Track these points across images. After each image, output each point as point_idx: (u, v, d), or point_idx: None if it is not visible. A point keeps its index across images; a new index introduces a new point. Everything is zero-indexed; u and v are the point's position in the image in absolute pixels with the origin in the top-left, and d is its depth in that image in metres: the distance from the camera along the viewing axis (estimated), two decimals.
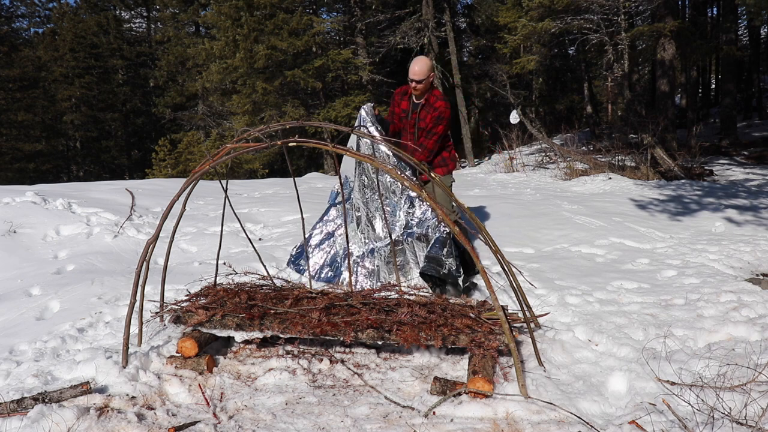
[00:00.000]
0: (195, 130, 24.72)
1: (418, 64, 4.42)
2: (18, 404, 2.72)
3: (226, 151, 3.32)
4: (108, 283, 4.71)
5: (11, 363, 3.31)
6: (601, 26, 14.05)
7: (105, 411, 2.75)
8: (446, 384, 2.95)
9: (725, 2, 17.87)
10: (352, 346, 3.57)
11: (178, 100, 27.19)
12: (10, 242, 5.81)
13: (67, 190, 8.63)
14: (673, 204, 8.63)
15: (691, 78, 21.87)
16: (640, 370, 3.04)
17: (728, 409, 2.53)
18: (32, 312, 4.21)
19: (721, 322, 3.70)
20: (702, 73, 28.76)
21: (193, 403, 2.95)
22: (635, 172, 12.25)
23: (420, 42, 19.23)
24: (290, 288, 3.98)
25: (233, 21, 17.87)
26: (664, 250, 5.97)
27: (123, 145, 31.71)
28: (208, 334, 3.45)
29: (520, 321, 3.44)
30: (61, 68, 29.05)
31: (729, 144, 16.72)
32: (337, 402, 2.97)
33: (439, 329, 3.23)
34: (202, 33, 27.00)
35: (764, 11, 12.21)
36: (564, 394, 2.88)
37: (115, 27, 31.09)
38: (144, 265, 3.28)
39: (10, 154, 27.33)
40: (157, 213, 7.32)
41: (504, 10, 19.40)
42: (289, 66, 18.32)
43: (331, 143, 3.69)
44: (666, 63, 14.19)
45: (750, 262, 5.41)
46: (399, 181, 2.99)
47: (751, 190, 10.00)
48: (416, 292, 3.90)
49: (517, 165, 15.43)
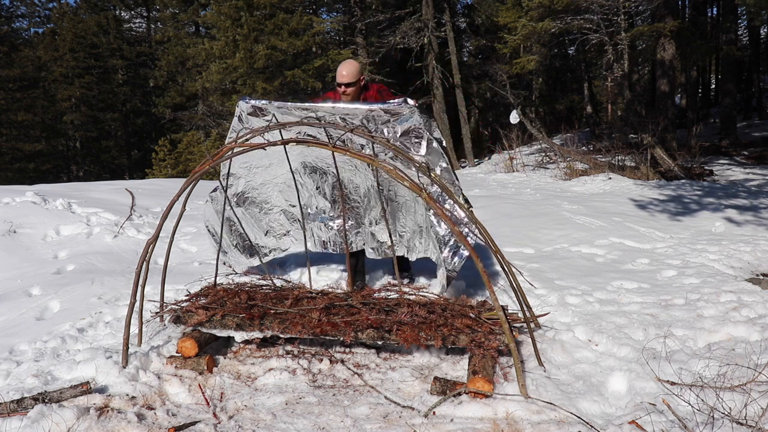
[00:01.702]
0: (195, 130, 24.72)
1: (347, 68, 4.16)
2: (18, 404, 2.72)
3: (227, 151, 3.32)
4: (108, 283, 4.71)
5: (11, 363, 3.31)
6: (601, 26, 14.06)
7: (105, 411, 2.75)
8: (446, 384, 2.95)
9: (725, 2, 17.87)
10: (352, 346, 3.57)
11: (178, 100, 27.19)
12: (10, 242, 5.81)
13: (67, 190, 8.63)
14: (673, 204, 8.63)
15: (691, 78, 21.87)
16: (640, 370, 3.04)
17: (728, 409, 2.52)
18: (32, 312, 4.21)
19: (721, 322, 3.70)
20: (702, 73, 28.76)
21: (193, 403, 2.95)
22: (635, 172, 12.25)
23: (420, 42, 19.23)
24: (290, 288, 3.99)
25: (233, 21, 17.87)
26: (664, 250, 5.97)
27: (123, 145, 31.71)
28: (208, 334, 3.45)
29: (520, 321, 3.44)
30: (61, 68, 29.05)
31: (729, 144, 16.72)
32: (337, 402, 2.97)
33: (439, 329, 3.23)
34: (202, 33, 27.01)
35: (764, 11, 12.21)
36: (564, 394, 2.88)
37: (115, 27, 31.09)
38: (144, 265, 3.28)
39: (10, 154, 27.33)
40: (157, 213, 7.32)
41: (504, 10, 19.39)
42: (289, 66, 18.33)
43: (331, 143, 3.69)
44: (666, 63, 14.19)
45: (750, 262, 5.41)
46: (399, 181, 2.99)
47: (751, 190, 10.00)
48: (416, 292, 3.90)
49: (517, 165, 15.44)
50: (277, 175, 4.51)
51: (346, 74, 4.13)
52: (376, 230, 4.58)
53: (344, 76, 4.13)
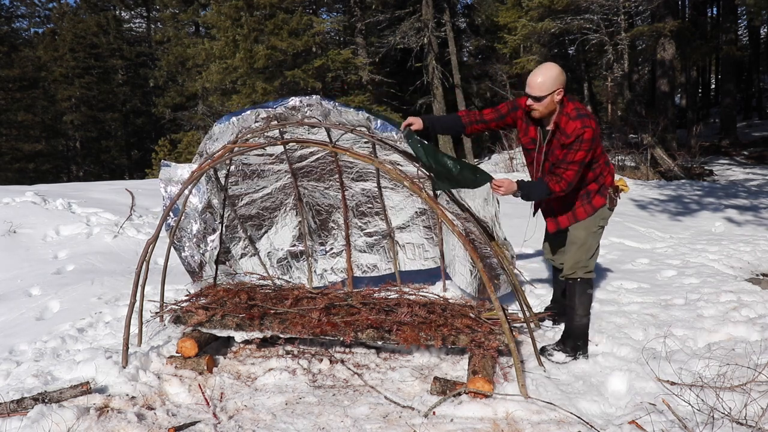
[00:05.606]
0: (195, 130, 24.68)
1: (537, 75, 3.01)
2: (18, 404, 2.72)
3: (227, 151, 3.32)
4: (108, 283, 4.71)
5: (11, 363, 3.31)
6: (601, 26, 14.05)
7: (105, 411, 2.75)
8: (446, 384, 2.94)
9: (725, 2, 17.88)
10: (352, 346, 3.57)
11: (178, 100, 27.16)
12: (10, 242, 5.80)
13: (67, 190, 8.62)
14: (673, 204, 8.63)
15: (691, 78, 21.86)
16: (640, 370, 3.04)
17: (728, 409, 2.52)
18: (32, 312, 4.21)
19: (721, 322, 3.70)
20: (702, 73, 28.74)
21: (193, 403, 2.95)
22: (635, 172, 12.25)
23: (420, 42, 19.22)
24: (290, 288, 3.98)
25: (233, 21, 17.85)
26: (664, 250, 5.97)
27: (123, 145, 31.68)
28: (208, 334, 3.45)
29: (520, 321, 3.44)
30: (61, 68, 29.02)
31: (729, 144, 16.73)
32: (337, 402, 2.97)
33: (439, 329, 3.23)
34: (202, 33, 26.99)
35: (764, 11, 12.21)
36: (564, 394, 2.88)
37: (115, 27, 31.06)
38: (144, 265, 3.28)
39: (10, 154, 27.30)
40: (157, 213, 7.31)
41: (504, 10, 19.37)
42: (289, 66, 18.31)
43: (331, 143, 3.69)
44: (666, 63, 14.19)
45: (750, 262, 5.41)
46: (399, 181, 2.98)
47: (751, 190, 10.00)
48: (416, 292, 3.90)
49: (517, 165, 15.42)
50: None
51: (533, 84, 3.01)
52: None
53: (531, 86, 3.02)
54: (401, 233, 4.63)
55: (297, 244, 4.71)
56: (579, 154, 2.99)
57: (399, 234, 4.63)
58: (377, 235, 4.66)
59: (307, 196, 4.52)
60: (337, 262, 4.78)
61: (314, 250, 4.76)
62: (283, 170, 4.28)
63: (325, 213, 4.64)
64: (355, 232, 4.68)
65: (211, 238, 4.26)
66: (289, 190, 4.46)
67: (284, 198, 4.51)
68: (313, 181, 4.41)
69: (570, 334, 3.33)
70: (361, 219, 4.63)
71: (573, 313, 3.31)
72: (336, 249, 4.77)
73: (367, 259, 4.73)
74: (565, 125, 3.02)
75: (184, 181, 3.44)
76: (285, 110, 3.32)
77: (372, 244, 4.70)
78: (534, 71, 3.06)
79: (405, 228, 4.60)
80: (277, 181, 4.37)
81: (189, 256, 4.20)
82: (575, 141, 2.96)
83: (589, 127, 2.96)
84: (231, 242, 4.49)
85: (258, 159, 4.11)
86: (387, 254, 4.68)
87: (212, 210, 4.19)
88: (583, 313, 3.30)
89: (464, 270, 4.22)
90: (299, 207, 4.54)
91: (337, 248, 4.77)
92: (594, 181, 3.24)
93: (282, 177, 4.34)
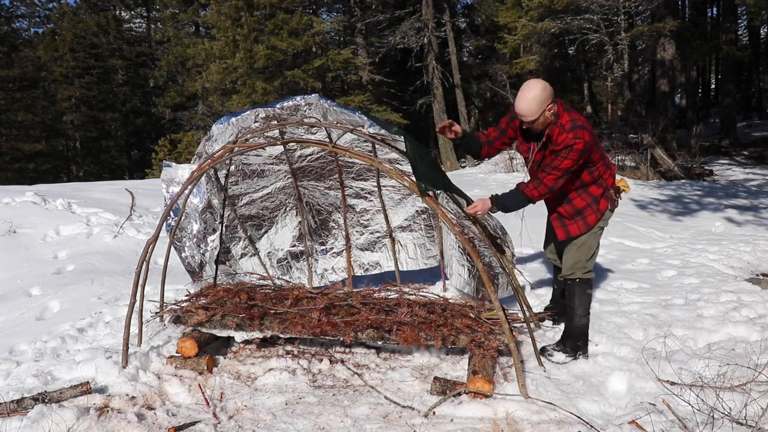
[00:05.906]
0: (195, 130, 24.68)
1: (522, 101, 3.00)
2: (18, 404, 2.72)
3: (227, 151, 3.32)
4: (108, 283, 4.71)
5: (11, 363, 3.31)
6: (601, 26, 14.06)
7: (105, 411, 2.75)
8: (446, 384, 2.94)
9: (725, 2, 17.89)
10: (352, 346, 3.57)
11: (178, 100, 27.16)
12: (10, 242, 5.80)
13: (67, 190, 8.62)
14: (673, 204, 8.63)
15: (691, 78, 21.86)
16: (640, 370, 3.04)
17: (728, 409, 2.52)
18: (32, 312, 4.21)
19: (721, 322, 3.70)
20: (702, 73, 28.75)
21: (193, 403, 2.95)
22: (635, 172, 12.25)
23: (420, 42, 19.22)
24: (290, 288, 3.98)
25: (233, 21, 17.85)
26: (664, 250, 5.97)
27: (123, 145, 31.68)
28: (208, 334, 3.45)
29: (520, 321, 3.44)
30: (61, 68, 29.01)
31: (729, 144, 16.73)
32: (337, 402, 2.97)
33: (439, 329, 3.23)
34: (202, 33, 26.99)
35: (764, 11, 12.21)
36: (564, 394, 2.88)
37: (115, 27, 31.06)
38: (144, 265, 3.28)
39: (10, 154, 27.30)
40: (157, 213, 7.31)
41: (504, 10, 19.38)
42: (289, 66, 18.30)
43: (331, 143, 3.69)
44: (666, 63, 14.19)
45: (750, 262, 5.41)
46: (399, 181, 2.98)
47: (751, 190, 10.00)
48: (416, 292, 3.90)
49: (517, 165, 15.41)
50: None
51: (521, 112, 3.02)
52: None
53: (520, 113, 3.04)
54: (402, 232, 4.63)
55: (297, 244, 4.71)
56: (565, 162, 3.02)
57: (400, 233, 4.63)
58: (378, 233, 4.66)
59: (307, 196, 4.52)
60: (337, 262, 4.78)
61: (314, 250, 4.76)
62: (283, 170, 4.27)
63: (325, 213, 4.64)
64: (355, 231, 4.68)
65: (211, 238, 4.26)
66: (289, 190, 4.46)
67: (284, 198, 4.51)
68: (313, 180, 4.41)
69: (570, 334, 3.34)
70: (361, 218, 4.63)
71: (572, 313, 3.32)
72: (336, 249, 4.77)
73: (369, 257, 4.73)
74: (557, 136, 3.06)
75: (185, 182, 3.44)
76: (285, 110, 3.32)
77: (373, 241, 4.70)
78: (518, 96, 3.05)
79: (406, 227, 4.61)
80: (277, 181, 4.37)
81: (189, 256, 4.20)
82: (564, 149, 3.01)
83: (581, 138, 2.97)
84: (231, 242, 4.49)
85: (258, 159, 4.11)
86: (389, 252, 4.68)
87: (212, 210, 4.19)
88: (582, 313, 3.31)
89: (462, 270, 4.22)
90: (299, 207, 4.54)
91: (338, 248, 4.77)
92: (595, 184, 3.27)
93: (282, 177, 4.34)
